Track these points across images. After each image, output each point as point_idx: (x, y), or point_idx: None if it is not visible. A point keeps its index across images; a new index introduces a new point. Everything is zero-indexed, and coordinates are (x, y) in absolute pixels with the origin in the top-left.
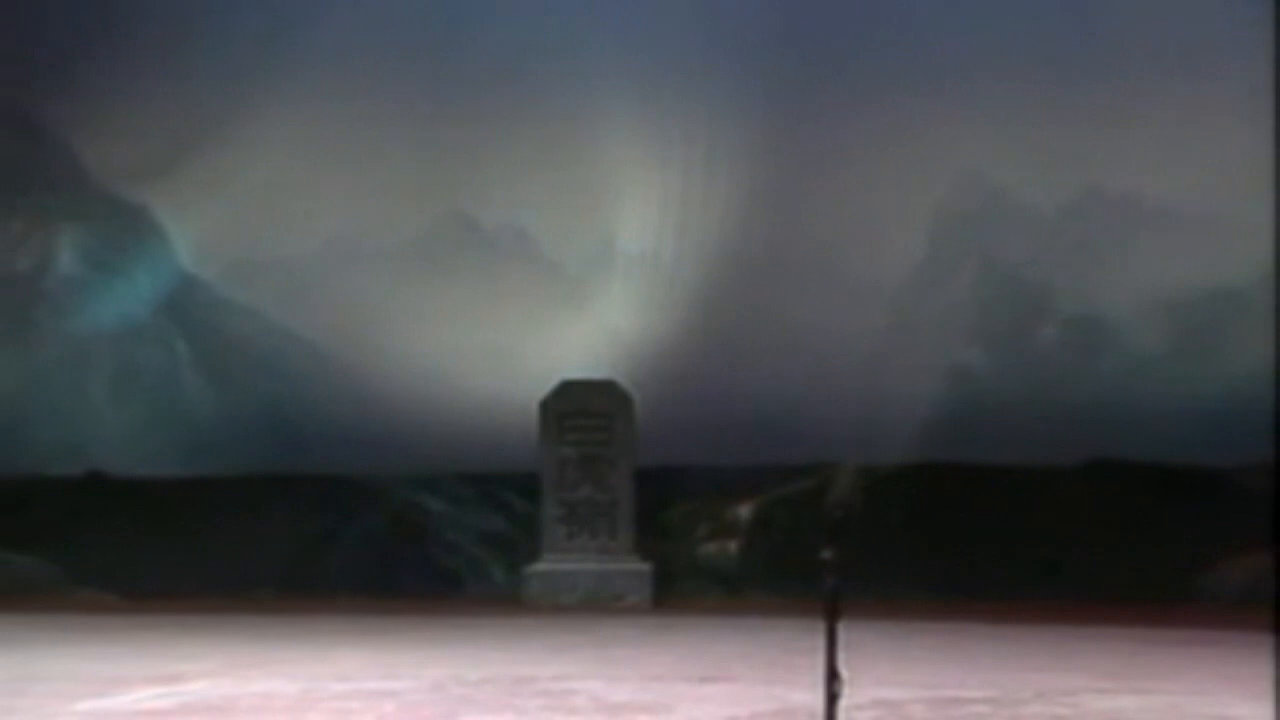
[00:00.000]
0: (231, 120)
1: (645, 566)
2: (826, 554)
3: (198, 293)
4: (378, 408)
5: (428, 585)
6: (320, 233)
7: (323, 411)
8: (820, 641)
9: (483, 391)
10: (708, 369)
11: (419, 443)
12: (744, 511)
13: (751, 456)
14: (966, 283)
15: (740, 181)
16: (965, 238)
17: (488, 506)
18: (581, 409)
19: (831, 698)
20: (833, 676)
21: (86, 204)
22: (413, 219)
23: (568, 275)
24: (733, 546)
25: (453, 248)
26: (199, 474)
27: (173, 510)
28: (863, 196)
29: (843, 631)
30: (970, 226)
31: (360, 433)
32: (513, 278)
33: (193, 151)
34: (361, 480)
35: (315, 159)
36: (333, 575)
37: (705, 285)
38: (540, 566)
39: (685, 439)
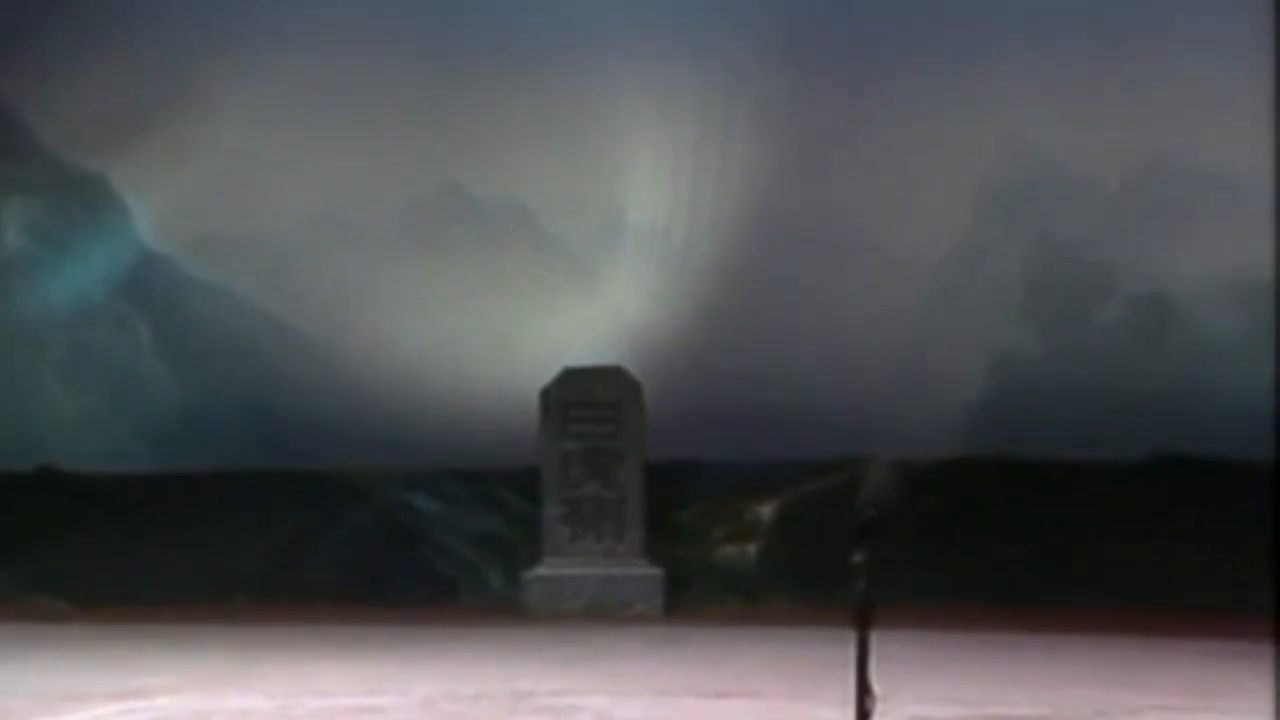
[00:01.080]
0: (199, 81)
1: (656, 571)
2: (857, 557)
3: (161, 271)
4: (363, 397)
5: (418, 592)
6: (298, 206)
7: (302, 401)
8: (850, 653)
9: (478, 380)
10: (725, 354)
11: (408, 436)
12: (765, 511)
13: (774, 450)
14: (1016, 258)
15: (762, 148)
16: (1015, 209)
17: (483, 506)
18: (586, 398)
19: (863, 716)
20: (865, 692)
21: (36, 173)
22: (400, 191)
23: (571, 252)
24: (752, 549)
25: (445, 223)
26: (163, 470)
27: (134, 510)
28: (899, 164)
29: (876, 642)
30: (1021, 197)
31: (343, 425)
32: (511, 256)
33: (155, 115)
34: (345, 477)
35: (292, 124)
36: (314, 581)
37: (722, 263)
38: (541, 571)
39: (700, 431)
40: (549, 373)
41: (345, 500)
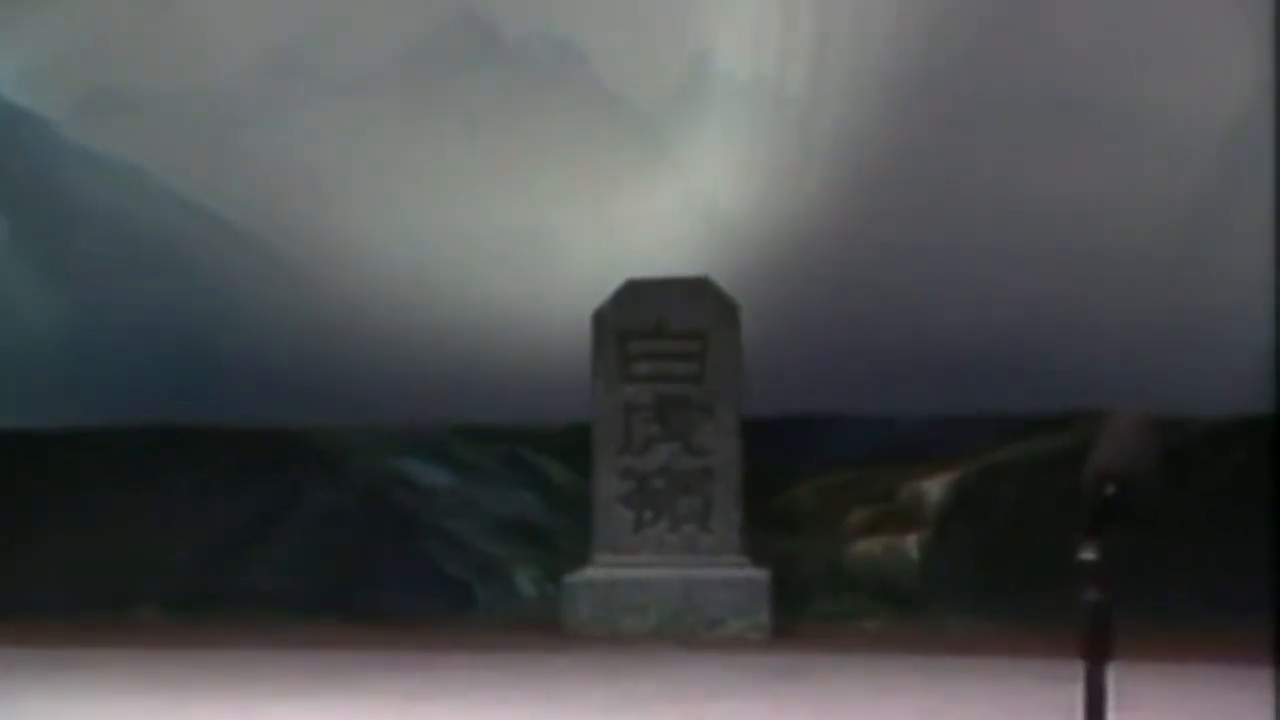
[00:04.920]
0: None
1: (760, 574)
2: (1088, 554)
3: (31, 138)
4: (339, 325)
5: (418, 603)
6: (245, 47)
7: (249, 330)
8: (1074, 694)
9: (504, 298)
10: (864, 263)
11: (405, 380)
12: (932, 487)
13: (944, 402)
14: None
15: None
16: None
17: (511, 479)
18: (658, 325)
19: None
20: None
21: None
22: (397, 26)
23: (636, 114)
24: (912, 542)
25: (458, 72)
26: (33, 427)
27: None
28: None
29: (1115, 679)
30: None
31: (308, 363)
32: (551, 119)
33: None
34: (312, 438)
35: None
36: (264, 587)
37: (861, 130)
38: (593, 573)
39: (824, 372)
40: (605, 288)
41: (311, 471)
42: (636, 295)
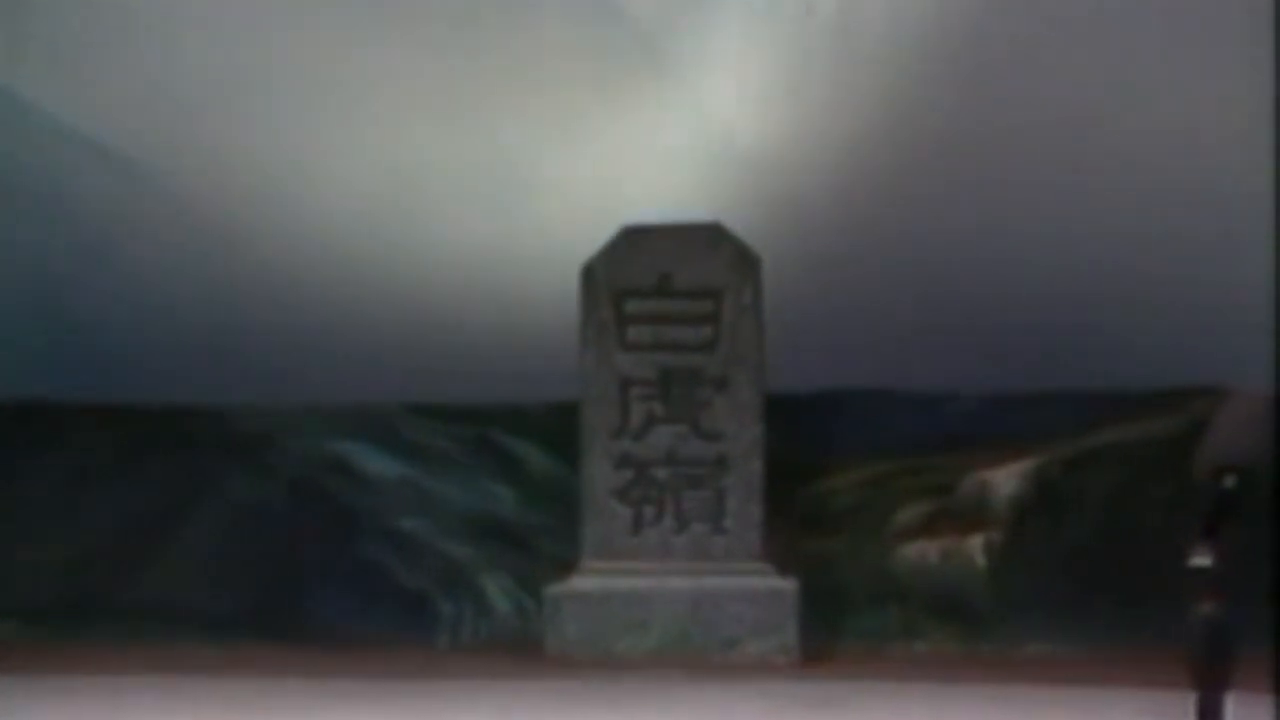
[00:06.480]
0: None
1: (785, 584)
2: (1201, 559)
3: None
4: (260, 281)
5: (360, 620)
6: None
7: (143, 288)
8: None
9: (472, 248)
10: (915, 206)
11: (345, 347)
12: (1001, 479)
13: (1019, 373)
14: None
15: None
16: None
17: (479, 468)
18: (660, 282)
19: None
20: None
21: None
22: None
23: (635, 26)
24: (977, 546)
25: None
26: None
27: None
28: None
29: (1235, 712)
30: None
31: (223, 330)
32: (531, 30)
33: None
34: (224, 417)
35: None
36: (159, 599)
37: (910, 48)
38: (581, 584)
39: (867, 339)
40: (597, 235)
41: (222, 457)
42: (634, 245)
